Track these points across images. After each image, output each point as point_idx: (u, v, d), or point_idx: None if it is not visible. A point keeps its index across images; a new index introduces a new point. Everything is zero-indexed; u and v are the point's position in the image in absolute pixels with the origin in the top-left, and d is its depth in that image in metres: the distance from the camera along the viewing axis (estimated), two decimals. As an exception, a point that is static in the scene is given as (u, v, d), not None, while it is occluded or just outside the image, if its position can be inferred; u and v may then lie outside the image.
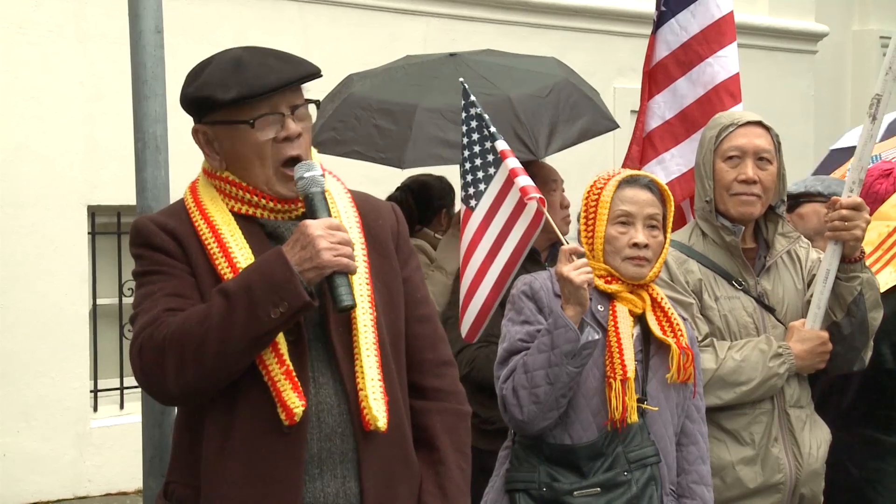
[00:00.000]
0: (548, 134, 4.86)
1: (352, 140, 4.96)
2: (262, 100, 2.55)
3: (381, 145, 4.93)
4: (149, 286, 2.56)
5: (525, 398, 3.14)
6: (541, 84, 5.05)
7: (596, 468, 3.17)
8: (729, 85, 4.50)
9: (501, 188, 3.71)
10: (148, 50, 3.08)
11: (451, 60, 5.28)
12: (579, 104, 5.09)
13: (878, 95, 3.64)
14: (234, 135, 2.59)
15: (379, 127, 4.93)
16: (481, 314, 3.80)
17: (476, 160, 3.79)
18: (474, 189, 3.77)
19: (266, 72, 2.56)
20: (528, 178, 3.62)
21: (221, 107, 2.57)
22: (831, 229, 3.58)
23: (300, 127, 2.60)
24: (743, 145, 3.64)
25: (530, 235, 3.70)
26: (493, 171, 3.74)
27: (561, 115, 4.96)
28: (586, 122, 5.08)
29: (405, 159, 4.88)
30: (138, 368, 2.51)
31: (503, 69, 5.20)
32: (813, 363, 3.62)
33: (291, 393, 2.46)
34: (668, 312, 3.30)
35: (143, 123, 3.09)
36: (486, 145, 3.77)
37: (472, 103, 3.86)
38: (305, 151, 2.62)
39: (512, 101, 4.84)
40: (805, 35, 11.42)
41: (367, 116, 4.97)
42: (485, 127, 3.78)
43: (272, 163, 2.58)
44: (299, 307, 2.42)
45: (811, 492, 3.64)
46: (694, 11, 4.52)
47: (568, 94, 5.08)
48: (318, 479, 2.53)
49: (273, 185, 2.59)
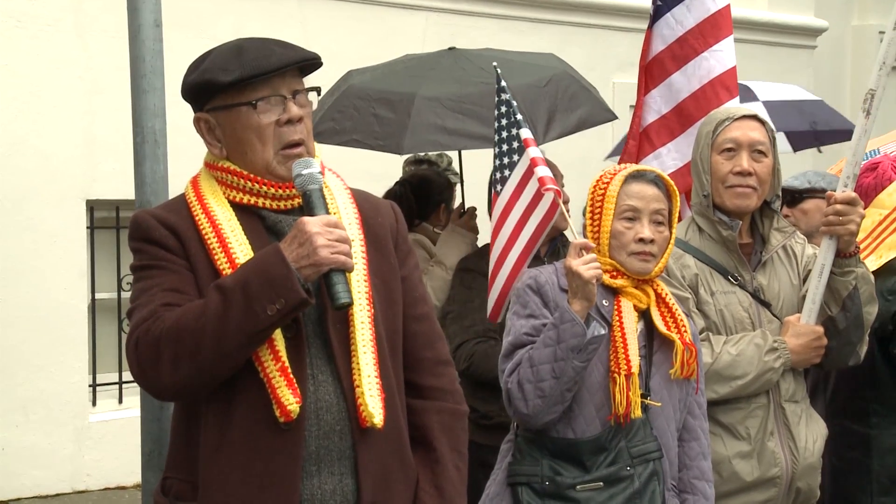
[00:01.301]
0: (546, 122, 4.89)
1: (350, 129, 4.98)
2: (263, 82, 2.55)
3: (379, 133, 4.95)
4: (146, 281, 2.55)
5: (530, 392, 3.14)
6: (539, 75, 5.09)
7: (599, 463, 3.18)
8: (725, 79, 4.48)
9: (523, 176, 3.76)
10: (147, 44, 3.07)
11: (449, 53, 5.31)
12: (577, 95, 5.12)
13: (871, 90, 3.64)
14: (236, 118, 2.58)
15: (378, 116, 4.95)
16: (501, 297, 3.84)
17: (503, 146, 3.84)
18: (500, 174, 3.83)
19: (267, 54, 2.57)
20: (547, 170, 3.64)
21: (223, 90, 2.57)
22: (826, 224, 3.59)
23: (302, 112, 2.60)
24: (738, 138, 3.65)
25: (545, 225, 3.74)
26: (517, 157, 3.79)
27: (559, 105, 4.99)
28: (585, 111, 5.11)
29: (403, 145, 4.91)
30: (134, 363, 2.51)
31: (502, 62, 5.22)
32: (808, 358, 3.63)
33: (286, 390, 2.46)
34: (673, 308, 3.30)
35: (142, 117, 3.09)
36: (512, 132, 3.82)
37: (503, 89, 3.90)
38: (307, 138, 2.62)
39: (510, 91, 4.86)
40: (804, 30, 11.42)
41: (366, 106, 5.00)
42: (513, 114, 3.83)
43: (273, 145, 2.58)
44: (296, 304, 2.42)
45: (807, 486, 3.65)
46: (689, 5, 4.51)
47: (566, 84, 5.10)
48: (316, 476, 2.53)
49: (273, 167, 2.58)
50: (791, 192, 4.77)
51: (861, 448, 3.99)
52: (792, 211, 4.77)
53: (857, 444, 4.00)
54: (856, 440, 4.00)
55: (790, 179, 4.82)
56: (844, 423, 4.01)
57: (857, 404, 4.02)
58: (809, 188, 4.43)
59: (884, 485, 3.97)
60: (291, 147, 2.59)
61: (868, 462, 3.97)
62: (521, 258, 3.78)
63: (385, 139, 4.96)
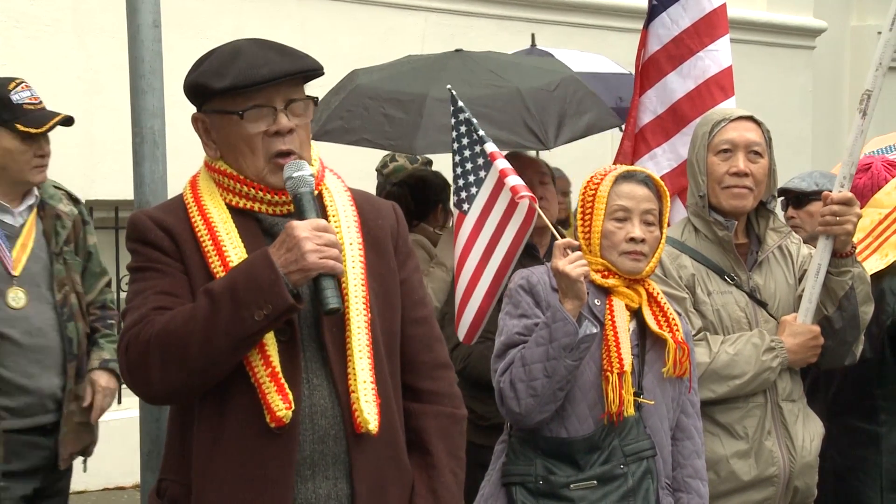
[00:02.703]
0: (556, 126, 4.90)
1: (360, 128, 4.96)
2: (256, 91, 2.52)
3: (390, 133, 4.93)
4: (141, 283, 2.55)
5: (523, 391, 3.15)
6: (548, 79, 5.10)
7: (592, 461, 3.18)
8: (720, 79, 4.47)
9: (493, 190, 3.74)
10: (146, 44, 3.08)
11: (456, 55, 5.30)
12: (585, 99, 5.13)
13: (868, 91, 3.65)
14: (227, 125, 2.57)
15: (388, 115, 4.93)
16: (478, 316, 3.82)
17: (467, 164, 3.82)
18: (466, 193, 3.80)
19: (261, 63, 2.53)
20: (517, 178, 3.64)
21: (216, 95, 2.55)
22: (822, 224, 3.60)
23: (294, 122, 2.57)
24: (734, 138, 3.66)
25: (523, 234, 3.72)
26: (483, 174, 3.77)
27: (568, 109, 5.00)
28: (592, 116, 5.12)
29: (416, 146, 4.89)
30: (124, 366, 2.51)
31: (509, 65, 5.25)
32: (805, 357, 3.64)
33: (276, 396, 2.44)
34: (664, 307, 3.32)
35: (141, 118, 3.09)
36: (475, 149, 3.80)
37: (461, 109, 3.89)
38: (300, 147, 2.58)
39: (522, 93, 4.89)
40: (803, 31, 11.43)
41: (376, 106, 4.98)
42: (473, 131, 3.81)
43: (263, 155, 2.55)
44: (283, 310, 2.40)
45: (805, 485, 3.66)
46: (685, 5, 4.50)
47: (574, 89, 5.12)
48: (310, 481, 2.52)
49: (264, 176, 2.56)
50: (797, 194, 4.76)
51: (869, 445, 3.99)
52: (798, 213, 4.76)
53: (864, 441, 4.00)
54: (864, 438, 4.00)
55: (796, 180, 4.81)
56: (850, 421, 4.00)
57: (866, 402, 4.01)
58: (816, 190, 4.42)
59: (893, 482, 3.98)
60: (282, 157, 2.55)
61: (877, 459, 3.98)
62: (499, 273, 3.74)
63: (397, 139, 4.94)
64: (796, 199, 4.77)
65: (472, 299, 3.81)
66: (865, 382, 4.00)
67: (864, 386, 4.01)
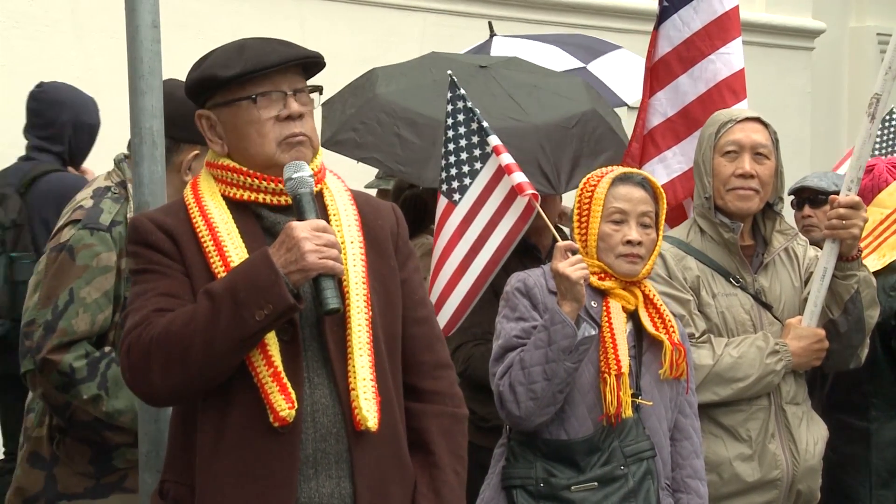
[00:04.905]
0: (570, 169, 4.68)
1: (372, 146, 4.84)
2: (264, 77, 2.56)
3: (401, 158, 4.81)
4: (142, 285, 2.56)
5: (522, 394, 3.15)
6: (568, 111, 4.91)
7: (592, 463, 3.19)
8: (732, 82, 4.46)
9: (488, 183, 3.72)
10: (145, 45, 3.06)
11: (480, 73, 5.08)
12: (604, 138, 4.91)
13: (877, 95, 3.65)
14: (237, 113, 2.59)
15: (401, 137, 4.82)
16: (461, 308, 3.81)
17: (462, 154, 3.78)
18: (458, 183, 3.77)
19: (269, 51, 2.58)
20: (523, 175, 3.62)
21: (224, 85, 2.58)
22: (829, 227, 3.60)
23: (303, 109, 2.60)
24: (740, 140, 3.65)
25: (518, 231, 3.71)
26: (479, 165, 3.74)
27: (585, 149, 4.79)
28: (608, 157, 4.90)
29: (425, 177, 4.78)
30: (126, 369, 2.52)
31: (531, 89, 5.03)
32: (809, 360, 3.64)
33: (279, 396, 2.45)
34: (661, 309, 3.33)
35: (140, 118, 3.08)
36: (473, 139, 3.77)
37: (461, 97, 3.86)
38: (310, 133, 2.62)
39: (539, 130, 4.71)
40: (802, 32, 11.42)
41: (391, 123, 4.86)
42: (474, 121, 3.77)
43: (274, 139, 2.57)
44: (284, 310, 2.42)
45: (808, 488, 3.66)
46: (696, 7, 4.49)
47: (594, 126, 4.90)
48: (314, 480, 2.53)
49: (276, 158, 2.57)
50: (815, 193, 4.74)
51: (860, 442, 4.02)
52: (815, 212, 4.74)
53: (855, 438, 4.05)
54: (855, 434, 4.04)
55: (815, 179, 4.79)
56: (842, 418, 4.04)
57: (857, 398, 4.05)
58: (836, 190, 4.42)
59: (883, 478, 4.01)
60: (293, 137, 2.58)
61: (867, 456, 4.00)
62: (488, 266, 3.73)
63: (407, 165, 4.81)
64: (814, 197, 4.74)
65: (455, 291, 3.79)
66: (857, 380, 4.02)
67: (855, 383, 4.04)
